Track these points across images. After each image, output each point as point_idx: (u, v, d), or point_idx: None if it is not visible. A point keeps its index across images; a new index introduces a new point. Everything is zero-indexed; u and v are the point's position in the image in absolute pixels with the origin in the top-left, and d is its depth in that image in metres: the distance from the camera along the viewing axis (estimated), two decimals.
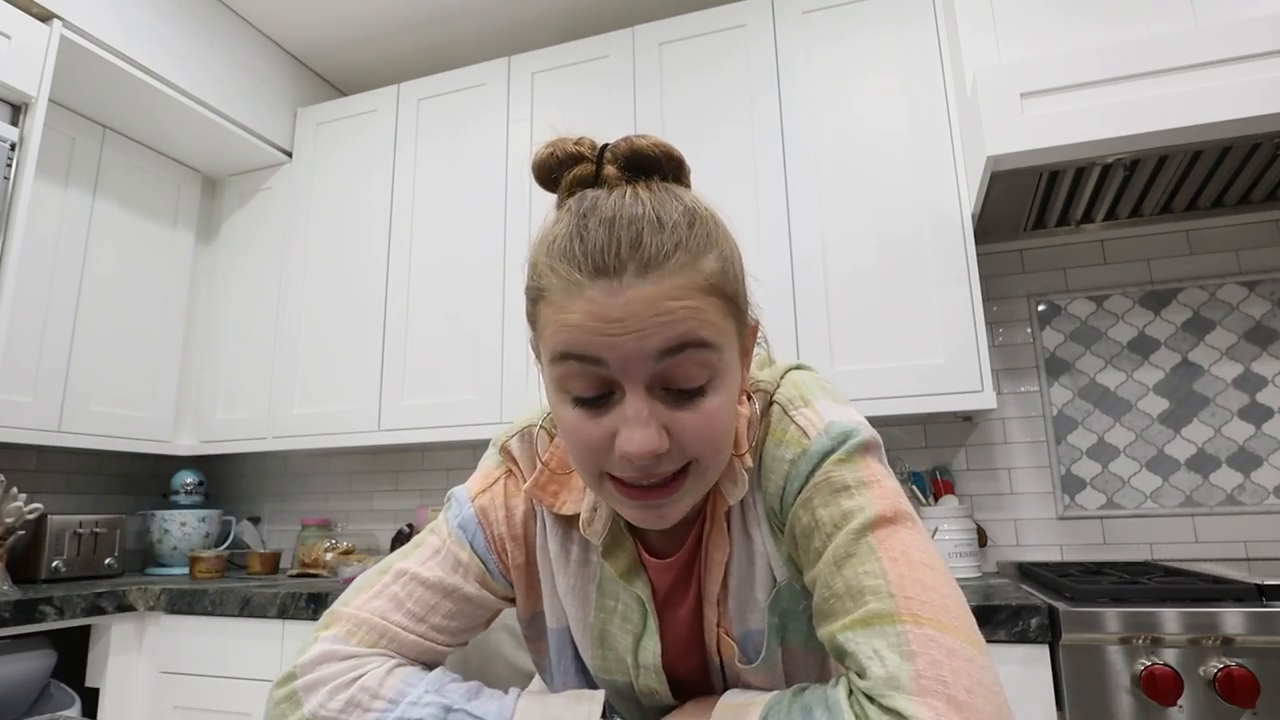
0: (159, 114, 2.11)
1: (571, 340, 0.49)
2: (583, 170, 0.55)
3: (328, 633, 0.61)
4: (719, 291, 0.51)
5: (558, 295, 0.50)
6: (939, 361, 1.66)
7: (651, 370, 0.49)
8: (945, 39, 1.78)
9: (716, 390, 0.51)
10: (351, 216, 2.29)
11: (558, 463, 0.66)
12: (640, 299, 0.48)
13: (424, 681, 0.58)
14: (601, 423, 0.51)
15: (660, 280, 0.48)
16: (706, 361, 0.50)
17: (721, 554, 0.62)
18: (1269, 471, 1.71)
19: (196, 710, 1.72)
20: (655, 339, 0.48)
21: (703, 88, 1.97)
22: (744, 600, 0.63)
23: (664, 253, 0.49)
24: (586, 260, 0.49)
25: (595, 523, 0.63)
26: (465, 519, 0.67)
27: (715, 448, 0.53)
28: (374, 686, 0.57)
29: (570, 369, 0.50)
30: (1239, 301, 1.79)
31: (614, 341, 0.48)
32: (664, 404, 0.50)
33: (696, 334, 0.49)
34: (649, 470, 0.51)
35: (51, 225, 1.98)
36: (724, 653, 0.64)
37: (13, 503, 1.80)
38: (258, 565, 2.19)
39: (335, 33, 2.39)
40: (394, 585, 0.63)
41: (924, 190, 1.74)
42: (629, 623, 0.65)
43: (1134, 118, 1.36)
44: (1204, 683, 1.12)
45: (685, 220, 0.51)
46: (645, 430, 0.49)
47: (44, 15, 1.73)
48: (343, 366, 2.20)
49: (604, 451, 0.51)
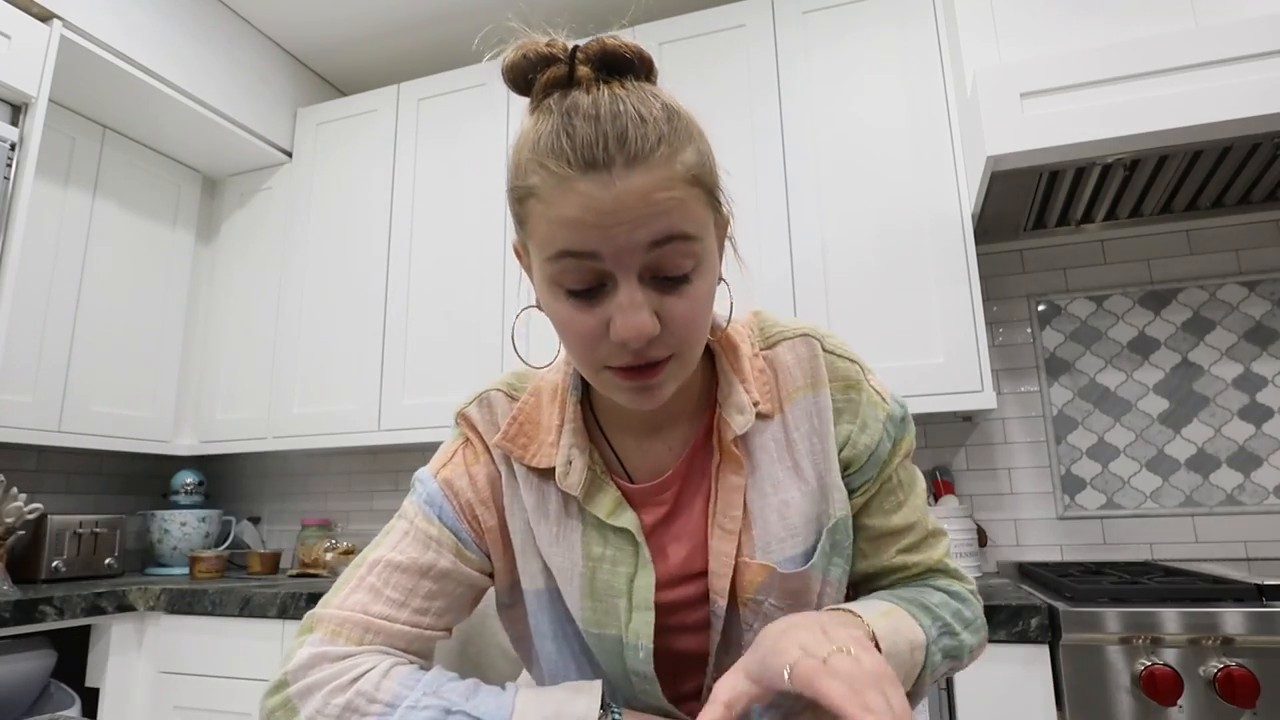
0: (159, 114, 2.11)
1: (569, 237, 0.51)
2: (556, 71, 0.56)
3: (312, 636, 0.60)
4: (699, 183, 0.54)
5: (548, 191, 0.52)
6: (939, 361, 1.66)
7: (642, 260, 0.52)
8: (945, 39, 1.78)
9: (701, 277, 0.54)
10: (351, 216, 2.29)
11: (524, 417, 0.67)
12: (631, 191, 0.50)
13: (421, 683, 0.57)
14: (595, 313, 0.53)
15: (648, 172, 0.50)
16: (691, 251, 0.53)
17: (738, 480, 0.63)
18: (1269, 471, 1.71)
19: (196, 710, 1.73)
20: (645, 230, 0.51)
21: (703, 88, 1.97)
22: (771, 529, 0.62)
23: (649, 146, 0.51)
24: (576, 155, 0.50)
25: (571, 474, 0.63)
26: (430, 494, 0.67)
27: (698, 333, 0.56)
28: (370, 690, 0.56)
29: (566, 265, 0.52)
30: (1239, 301, 1.79)
31: (608, 234, 0.50)
32: (654, 291, 0.53)
33: (681, 226, 0.52)
34: (642, 354, 0.53)
35: (51, 225, 1.98)
36: (744, 582, 0.62)
37: (13, 503, 1.80)
38: (258, 565, 2.19)
39: (335, 33, 2.39)
40: (369, 576, 0.63)
41: (924, 190, 1.74)
42: (620, 565, 0.63)
43: (1134, 118, 1.36)
44: (1204, 683, 1.12)
45: (665, 115, 0.53)
46: (639, 315, 0.52)
47: (44, 15, 1.73)
48: (343, 366, 2.20)
49: (599, 340, 0.54)
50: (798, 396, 0.65)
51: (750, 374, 0.65)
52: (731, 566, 0.62)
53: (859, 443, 0.64)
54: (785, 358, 0.66)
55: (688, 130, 0.54)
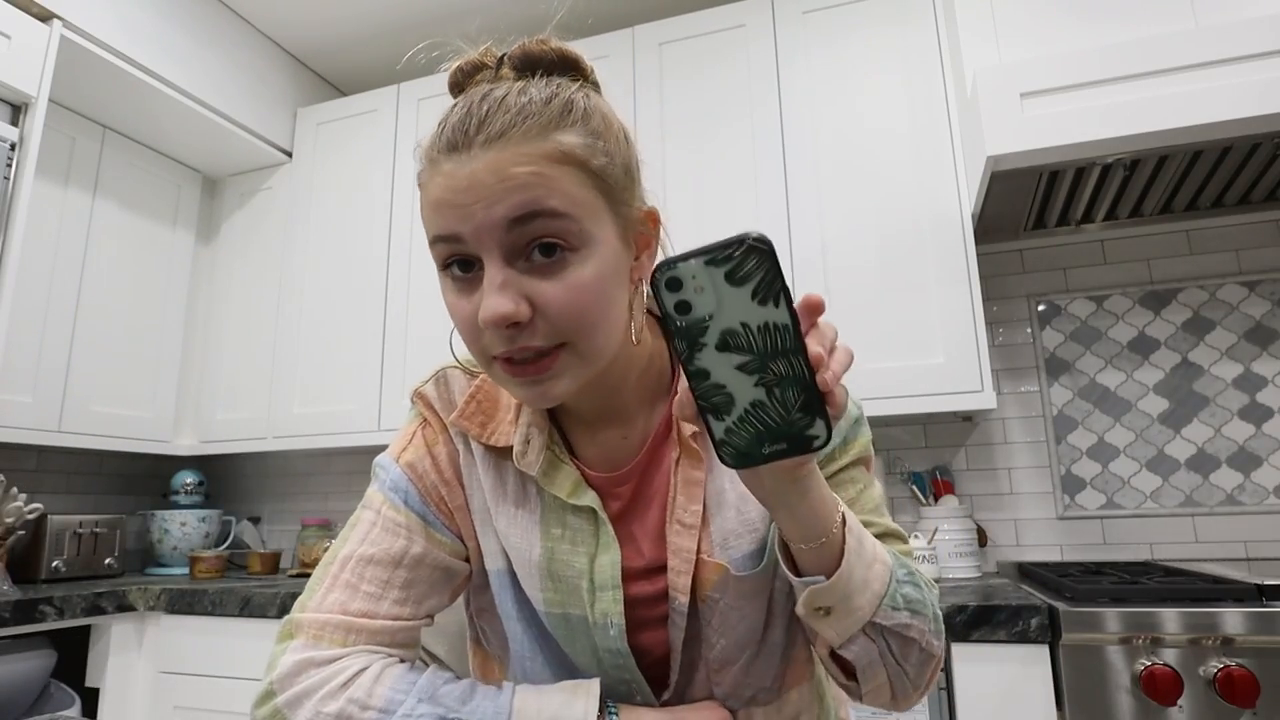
0: (159, 114, 2.11)
1: (435, 221, 0.53)
2: (483, 77, 0.58)
3: (294, 642, 0.58)
4: (577, 163, 0.52)
5: (424, 178, 0.54)
6: (939, 361, 1.66)
7: (503, 239, 0.51)
8: (945, 39, 1.78)
9: (582, 262, 0.52)
10: (351, 216, 2.29)
11: (483, 395, 0.66)
12: (484, 167, 0.50)
13: (416, 687, 0.56)
14: (473, 299, 0.53)
15: (504, 149, 0.51)
16: (559, 230, 0.51)
17: (699, 474, 0.62)
18: (1269, 471, 1.71)
19: (196, 710, 1.72)
20: (501, 206, 0.50)
21: (703, 88, 1.97)
22: (728, 525, 0.62)
23: (511, 124, 0.51)
24: (442, 139, 0.53)
25: (529, 453, 0.63)
26: (394, 480, 0.65)
27: (588, 324, 0.53)
28: (363, 697, 0.54)
29: (440, 251, 0.54)
30: (1239, 301, 1.79)
31: (465, 212, 0.51)
32: (525, 274, 0.52)
33: (544, 202, 0.50)
34: (516, 342, 0.52)
35: (51, 225, 1.98)
36: (702, 578, 0.61)
37: (13, 503, 1.80)
38: (258, 565, 2.19)
39: (335, 33, 2.39)
40: (343, 573, 0.61)
41: (924, 190, 1.74)
42: (580, 545, 0.62)
43: (1134, 118, 1.36)
44: (1204, 683, 1.12)
45: (544, 98, 0.53)
46: (499, 297, 0.50)
47: (44, 15, 1.73)
48: (343, 366, 2.20)
49: (478, 329, 0.53)
50: None
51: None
52: (692, 563, 0.61)
53: None
54: None
55: (574, 113, 0.54)
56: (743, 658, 0.64)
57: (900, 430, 1.98)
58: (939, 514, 1.75)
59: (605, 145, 0.55)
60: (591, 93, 0.58)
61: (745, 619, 0.62)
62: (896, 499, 1.94)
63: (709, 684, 0.64)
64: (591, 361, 0.55)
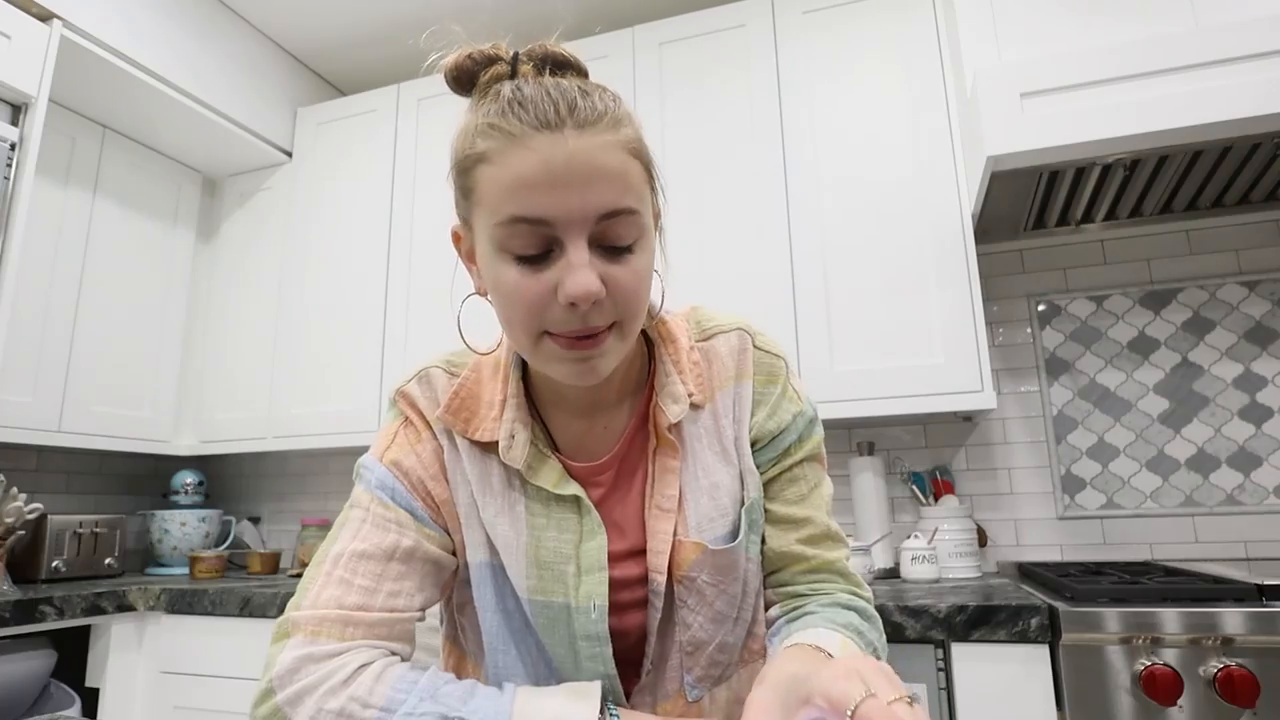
0: (159, 114, 2.11)
1: (522, 201, 0.53)
2: (499, 70, 0.59)
3: (292, 640, 0.58)
4: (640, 156, 0.57)
5: (500, 153, 0.54)
6: (939, 361, 1.66)
7: (592, 228, 0.54)
8: (945, 38, 1.78)
9: (642, 250, 0.57)
10: (351, 216, 2.29)
11: (466, 392, 0.68)
12: (582, 150, 0.53)
13: (418, 687, 0.56)
14: (542, 278, 0.54)
15: (596, 135, 0.54)
16: (635, 223, 0.56)
17: (674, 462, 0.66)
18: (1269, 471, 1.71)
19: (196, 710, 1.72)
20: (595, 198, 0.53)
21: (703, 88, 1.97)
22: (702, 510, 0.66)
23: (596, 113, 0.54)
24: (530, 115, 0.53)
25: (514, 448, 0.64)
26: (380, 478, 0.66)
27: (639, 305, 0.58)
28: (364, 695, 0.54)
29: (517, 230, 0.54)
30: (1239, 301, 1.79)
31: (561, 196, 0.52)
32: (599, 258, 0.55)
33: (627, 198, 0.55)
34: (586, 320, 0.55)
35: (51, 225, 1.98)
36: (679, 559, 0.65)
37: (13, 503, 1.79)
38: (258, 565, 2.19)
39: (335, 33, 2.39)
40: (336, 570, 0.61)
41: (924, 190, 1.74)
42: (566, 531, 0.65)
43: (1134, 118, 1.37)
44: (1204, 683, 1.12)
45: (606, 95, 0.57)
46: (589, 275, 0.53)
47: (44, 15, 1.73)
48: (343, 366, 2.20)
49: (544, 306, 0.55)
50: (727, 386, 0.69)
51: (687, 365, 0.68)
52: (670, 544, 0.65)
53: (766, 427, 0.69)
54: (720, 349, 0.70)
55: (627, 113, 0.58)
56: (717, 637, 0.67)
57: (900, 430, 1.98)
58: (939, 514, 1.75)
59: (647, 144, 0.60)
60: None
61: (723, 594, 0.66)
62: (896, 499, 1.94)
63: (681, 670, 0.67)
64: (629, 341, 0.60)
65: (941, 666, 1.30)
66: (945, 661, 1.29)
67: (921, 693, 1.30)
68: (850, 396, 1.71)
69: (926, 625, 1.28)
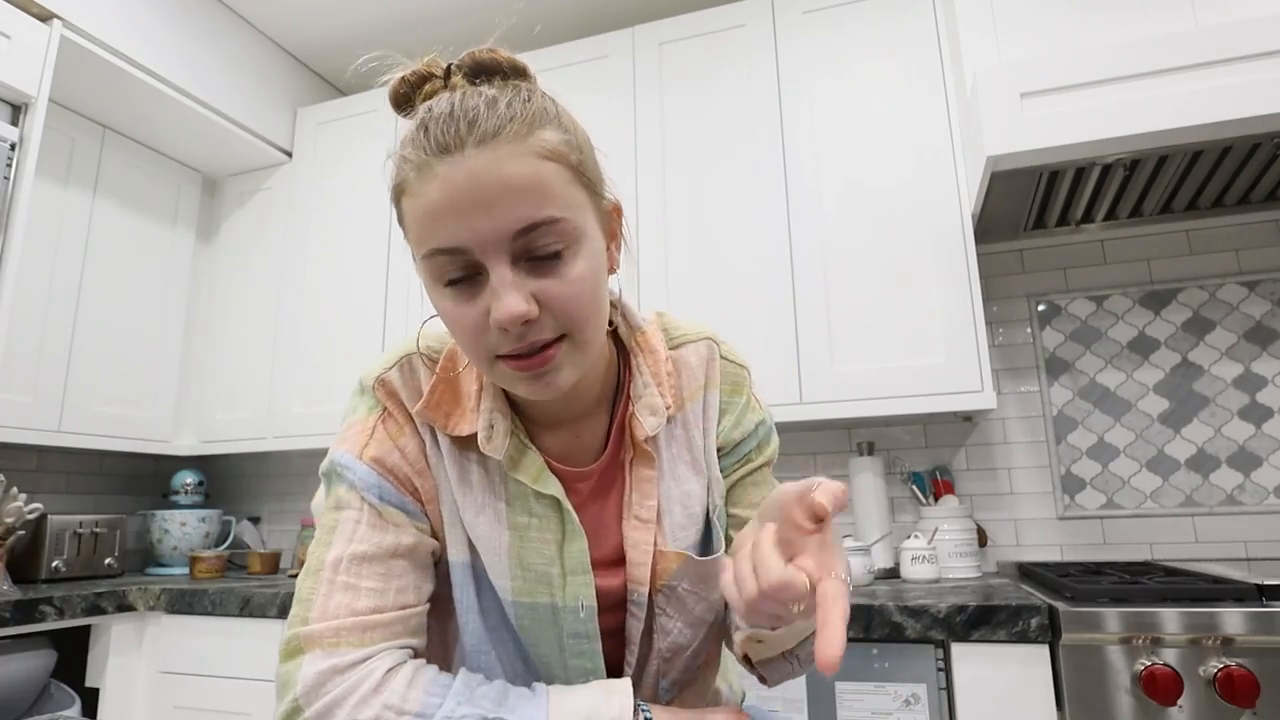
0: (159, 114, 2.11)
1: (436, 232, 0.52)
2: (433, 86, 0.58)
3: (308, 655, 0.55)
4: (560, 159, 0.54)
5: (412, 183, 0.53)
6: (939, 361, 1.66)
7: (510, 247, 0.52)
8: (945, 38, 1.78)
9: (576, 257, 0.54)
10: (352, 216, 2.29)
11: (444, 384, 0.65)
12: (482, 167, 0.51)
13: (452, 690, 0.55)
14: (476, 304, 0.54)
15: (497, 148, 0.52)
16: (558, 231, 0.53)
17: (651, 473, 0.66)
18: (1269, 471, 1.71)
19: (196, 710, 1.72)
20: (505, 216, 0.51)
21: (703, 88, 1.97)
22: (675, 519, 0.67)
23: (498, 124, 0.52)
24: (431, 142, 0.52)
25: (494, 438, 0.63)
26: (363, 479, 0.62)
27: (585, 315, 0.56)
28: (398, 703, 0.53)
29: (439, 264, 0.54)
30: (1239, 301, 1.79)
31: (469, 221, 0.51)
32: (529, 274, 0.53)
33: (544, 210, 0.52)
34: (525, 338, 0.53)
35: (51, 225, 1.98)
36: (659, 569, 0.65)
37: (13, 503, 1.79)
38: (258, 565, 2.19)
39: (335, 33, 2.39)
40: (339, 576, 0.59)
41: (924, 190, 1.74)
42: (547, 532, 0.64)
43: (1134, 118, 1.36)
44: (1204, 683, 1.12)
45: (519, 98, 0.55)
46: (513, 297, 0.52)
47: (44, 15, 1.73)
48: (343, 366, 2.19)
49: (484, 331, 0.54)
50: (696, 396, 0.70)
51: (664, 377, 0.68)
52: (651, 555, 0.65)
53: (731, 435, 0.71)
54: (689, 358, 0.70)
55: (546, 112, 0.56)
56: (695, 642, 0.68)
57: (900, 430, 1.98)
58: (939, 514, 1.74)
59: (577, 141, 0.57)
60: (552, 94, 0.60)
61: (702, 600, 0.67)
62: (897, 499, 1.94)
63: (657, 675, 0.68)
64: (588, 350, 0.57)
65: (941, 666, 1.30)
66: (945, 661, 1.29)
67: (921, 693, 1.30)
68: (850, 396, 1.71)
69: (926, 625, 1.28)
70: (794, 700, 1.35)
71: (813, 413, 1.73)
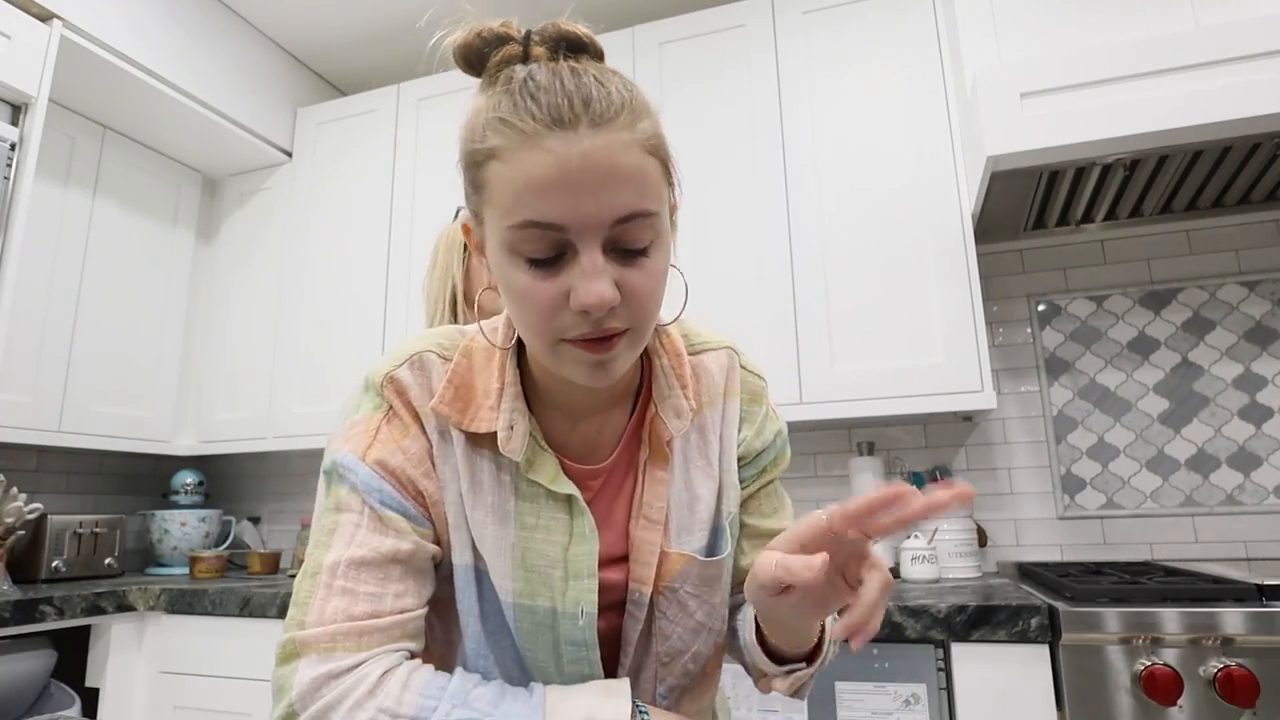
0: (159, 114, 2.11)
1: (535, 205, 0.51)
2: (511, 50, 0.55)
3: (304, 660, 0.54)
4: (657, 153, 0.55)
5: (512, 151, 0.51)
6: (939, 361, 1.66)
7: (606, 234, 0.52)
8: (945, 39, 1.78)
9: (658, 251, 0.55)
10: (351, 216, 2.29)
11: (459, 380, 0.64)
12: (597, 150, 0.50)
13: (447, 692, 0.55)
14: (555, 283, 0.53)
15: (611, 133, 0.51)
16: (652, 225, 0.54)
17: (664, 474, 0.66)
18: (1269, 471, 1.71)
19: (196, 710, 1.73)
20: (610, 203, 0.51)
21: (703, 88, 1.97)
22: (681, 522, 0.67)
23: (613, 109, 0.51)
24: (542, 112, 0.50)
25: (514, 439, 0.62)
26: (365, 480, 0.60)
27: (652, 311, 0.57)
28: (393, 706, 0.53)
29: (529, 235, 0.52)
30: (1239, 301, 1.79)
31: (575, 201, 0.50)
32: (615, 263, 0.53)
33: (644, 202, 0.53)
34: (601, 325, 0.53)
35: (51, 225, 1.98)
36: (664, 570, 0.65)
37: (13, 503, 1.79)
38: (258, 565, 2.19)
39: (335, 33, 2.39)
40: (337, 580, 0.58)
41: (924, 190, 1.74)
42: (554, 534, 0.63)
43: (1134, 118, 1.37)
44: (1204, 683, 1.12)
45: (624, 85, 0.54)
46: (604, 282, 0.52)
47: (44, 15, 1.73)
48: (343, 366, 2.19)
49: (557, 311, 0.53)
50: (715, 403, 0.70)
51: (688, 379, 0.68)
52: (657, 555, 0.65)
53: (753, 445, 0.71)
54: (709, 365, 0.71)
55: (644, 103, 0.55)
56: (693, 646, 0.68)
57: (900, 430, 1.98)
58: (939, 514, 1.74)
59: (665, 138, 0.57)
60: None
61: (704, 604, 0.67)
62: None
63: (654, 680, 0.67)
64: (641, 344, 0.58)
65: (941, 666, 1.30)
66: (945, 661, 1.29)
67: (921, 693, 1.30)
68: (850, 396, 1.71)
69: (926, 625, 1.28)
70: (793, 700, 1.35)
71: (813, 413, 1.73)
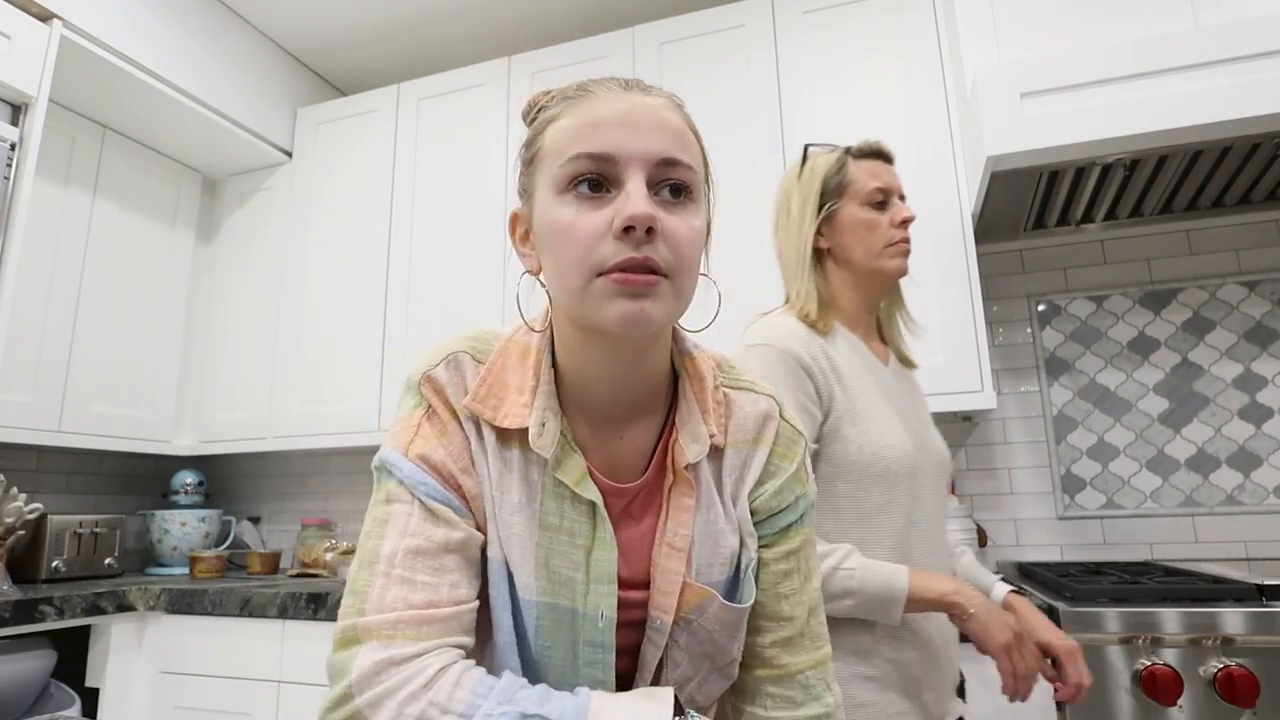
0: (159, 114, 2.11)
1: (588, 137, 0.58)
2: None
3: (365, 645, 0.56)
4: (699, 142, 0.63)
5: (573, 104, 0.60)
6: (939, 361, 1.66)
7: (651, 170, 0.58)
8: (945, 39, 1.78)
9: (695, 214, 0.60)
10: (351, 216, 2.29)
11: (493, 378, 0.66)
12: (648, 104, 0.59)
13: (495, 691, 0.56)
14: (600, 213, 0.57)
15: (661, 98, 0.61)
16: (692, 180, 0.59)
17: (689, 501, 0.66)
18: (1269, 471, 1.71)
19: (196, 710, 1.72)
20: (658, 142, 0.58)
21: (703, 88, 1.97)
22: (704, 555, 0.66)
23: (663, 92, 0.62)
24: (599, 82, 0.61)
25: (544, 436, 0.63)
26: (411, 475, 0.63)
27: (689, 266, 0.59)
28: (444, 701, 0.54)
29: (580, 165, 0.58)
30: (1239, 301, 1.79)
31: (626, 136, 0.57)
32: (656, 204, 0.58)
33: (685, 153, 0.59)
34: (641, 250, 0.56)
35: (51, 225, 1.98)
36: (682, 600, 0.65)
37: (13, 503, 1.79)
38: (258, 565, 2.19)
39: (335, 33, 2.39)
40: (395, 569, 0.60)
41: (924, 190, 1.74)
42: (578, 538, 0.64)
43: (1134, 118, 1.37)
44: (1204, 683, 1.12)
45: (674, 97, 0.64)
46: (647, 203, 0.56)
47: (44, 15, 1.73)
48: (343, 366, 2.20)
49: (599, 240, 0.57)
50: (742, 446, 0.69)
51: (710, 406, 0.68)
52: (679, 585, 0.64)
53: (770, 502, 0.69)
54: (745, 406, 0.70)
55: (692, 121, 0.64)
56: (698, 675, 0.68)
57: None
58: None
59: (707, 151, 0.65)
60: None
61: (714, 641, 0.66)
62: None
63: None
64: (679, 302, 0.60)
65: None
66: None
67: None
68: None
69: None
70: None
71: None
